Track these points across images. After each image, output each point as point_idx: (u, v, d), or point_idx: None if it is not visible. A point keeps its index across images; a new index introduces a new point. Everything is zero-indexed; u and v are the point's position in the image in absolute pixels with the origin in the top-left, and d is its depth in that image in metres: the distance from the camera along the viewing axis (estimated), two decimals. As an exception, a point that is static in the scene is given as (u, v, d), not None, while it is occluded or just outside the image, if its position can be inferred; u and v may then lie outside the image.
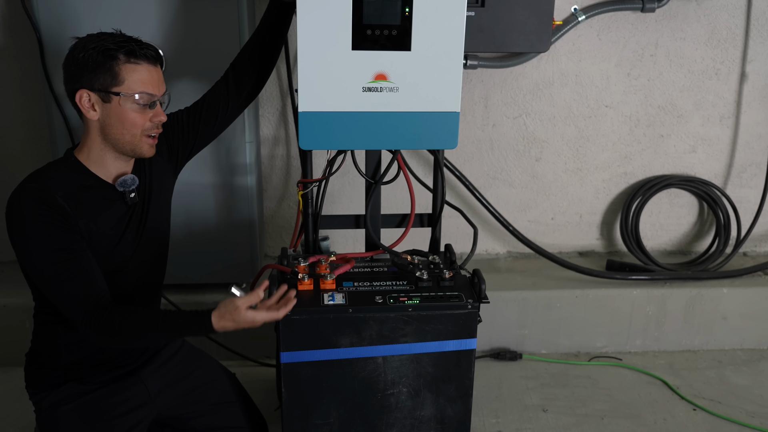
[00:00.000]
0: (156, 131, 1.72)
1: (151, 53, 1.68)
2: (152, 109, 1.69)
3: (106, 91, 1.63)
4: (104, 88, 1.63)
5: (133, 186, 1.75)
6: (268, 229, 3.03)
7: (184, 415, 1.95)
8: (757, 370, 2.87)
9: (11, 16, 2.62)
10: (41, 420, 1.82)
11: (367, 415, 1.91)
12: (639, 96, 2.97)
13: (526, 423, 2.50)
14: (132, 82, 1.64)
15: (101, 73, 1.62)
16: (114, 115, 1.65)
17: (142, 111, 1.67)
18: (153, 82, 1.67)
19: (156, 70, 1.69)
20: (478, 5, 2.37)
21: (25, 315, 1.98)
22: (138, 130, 1.68)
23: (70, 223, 1.63)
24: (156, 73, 1.69)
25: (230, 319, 1.63)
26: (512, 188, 3.08)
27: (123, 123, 1.66)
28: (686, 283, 2.95)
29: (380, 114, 1.87)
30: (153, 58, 1.68)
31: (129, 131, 1.67)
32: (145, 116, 1.68)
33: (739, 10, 2.88)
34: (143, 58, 1.65)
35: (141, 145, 1.70)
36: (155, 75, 1.68)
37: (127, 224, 1.77)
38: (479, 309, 1.85)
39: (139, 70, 1.65)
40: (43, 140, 2.73)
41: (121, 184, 1.73)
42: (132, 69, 1.64)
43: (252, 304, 1.64)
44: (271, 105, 2.84)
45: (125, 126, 1.66)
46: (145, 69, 1.66)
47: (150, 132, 1.70)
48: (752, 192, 3.13)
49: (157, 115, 1.70)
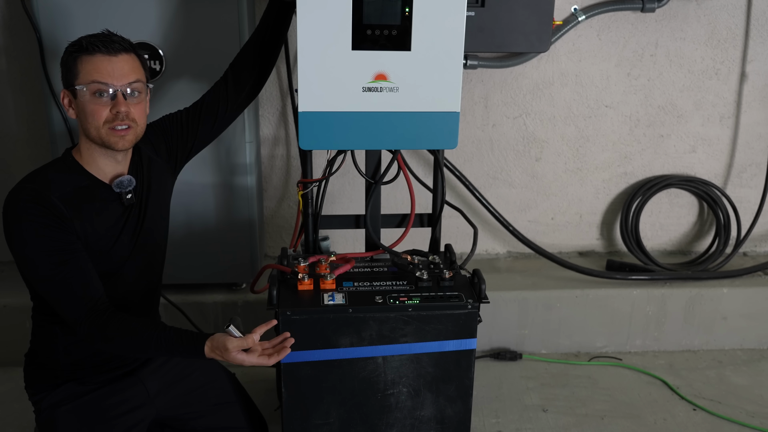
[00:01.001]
0: (121, 123, 1.66)
1: (113, 45, 1.64)
2: (113, 101, 1.65)
3: (71, 87, 1.65)
4: (70, 84, 1.66)
5: (129, 187, 1.74)
6: (268, 229, 3.03)
7: (184, 416, 1.95)
8: (757, 370, 2.87)
9: (11, 16, 2.62)
10: (40, 420, 1.82)
11: (367, 415, 1.91)
12: (639, 96, 2.97)
13: (526, 423, 2.50)
14: (85, 73, 1.63)
15: (67, 72, 1.66)
16: (81, 110, 1.66)
17: (100, 102, 1.64)
18: (107, 71, 1.63)
19: (115, 59, 1.64)
20: (478, 5, 2.37)
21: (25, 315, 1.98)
22: (99, 122, 1.65)
23: (65, 224, 1.63)
24: (114, 62, 1.64)
25: (219, 355, 1.61)
26: (512, 188, 3.08)
27: (87, 117, 1.66)
28: (686, 283, 2.95)
29: (380, 114, 1.87)
30: (114, 49, 1.64)
31: (92, 124, 1.65)
32: (103, 107, 1.64)
33: (739, 10, 2.88)
34: (98, 50, 1.63)
35: (108, 138, 1.66)
36: (112, 65, 1.64)
37: (123, 225, 1.76)
38: (479, 309, 1.86)
39: (93, 61, 1.63)
40: (43, 140, 2.73)
41: (118, 185, 1.73)
42: (86, 60, 1.63)
43: (245, 347, 1.61)
44: (271, 105, 2.84)
45: (88, 120, 1.65)
46: (99, 59, 1.63)
47: (114, 124, 1.65)
48: (752, 192, 3.13)
49: (115, 106, 1.64)
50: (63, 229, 1.62)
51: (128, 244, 1.78)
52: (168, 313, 2.64)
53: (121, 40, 1.68)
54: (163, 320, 2.60)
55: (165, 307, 2.62)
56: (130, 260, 1.79)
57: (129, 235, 1.78)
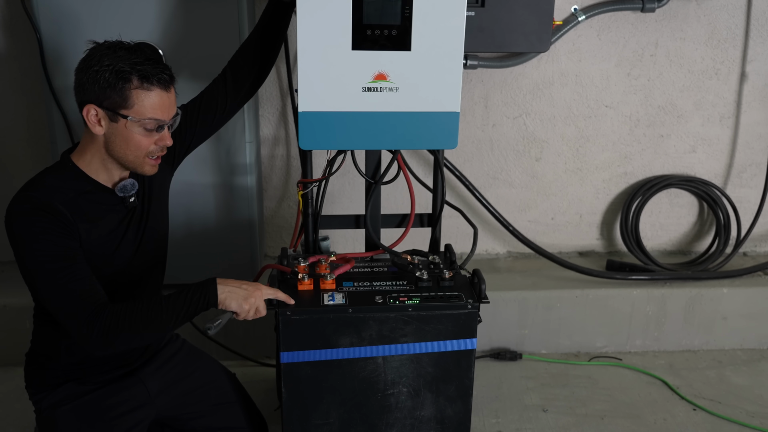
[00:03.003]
0: (160, 153, 1.70)
1: (165, 77, 1.63)
2: (159, 133, 1.66)
3: (115, 112, 1.60)
4: (113, 108, 1.60)
5: (133, 191, 1.74)
6: (268, 229, 3.03)
7: (184, 416, 1.95)
8: (757, 370, 2.87)
9: (11, 16, 2.62)
10: (41, 420, 1.82)
11: (367, 415, 1.91)
12: (639, 96, 2.97)
13: (526, 423, 2.50)
14: (142, 107, 1.61)
15: (112, 93, 1.59)
16: (119, 135, 1.63)
17: (149, 135, 1.65)
18: (163, 107, 1.64)
19: (168, 95, 1.65)
20: (478, 5, 2.37)
21: (25, 315, 1.98)
22: (142, 152, 1.66)
23: (69, 229, 1.62)
24: (168, 98, 1.65)
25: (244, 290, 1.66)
26: (512, 188, 3.08)
27: (128, 144, 1.64)
28: (686, 283, 2.95)
29: (380, 114, 1.87)
30: (166, 82, 1.64)
31: (133, 153, 1.65)
32: (150, 139, 1.65)
33: (739, 10, 2.88)
34: (156, 84, 1.61)
35: (143, 166, 1.69)
36: (167, 100, 1.65)
37: (127, 227, 1.76)
38: (479, 309, 1.85)
39: (150, 96, 1.61)
40: (43, 140, 2.73)
41: (121, 190, 1.72)
42: (144, 95, 1.60)
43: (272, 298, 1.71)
44: (271, 105, 2.84)
45: (129, 147, 1.64)
46: (157, 95, 1.62)
47: (154, 154, 1.69)
48: (752, 192, 3.13)
49: (162, 139, 1.68)
50: (66, 236, 1.61)
51: (132, 245, 1.78)
52: (168, 313, 2.63)
53: (166, 68, 1.65)
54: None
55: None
56: (135, 261, 1.79)
57: (133, 237, 1.78)
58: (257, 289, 1.70)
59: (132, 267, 1.79)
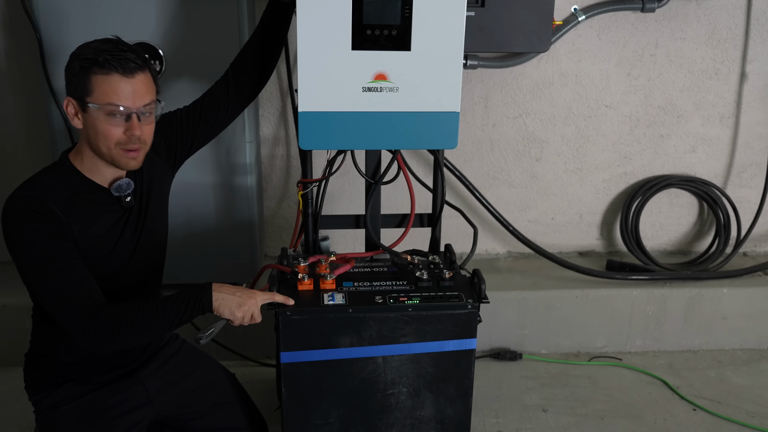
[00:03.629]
0: (133, 146, 1.64)
1: (129, 64, 1.58)
2: (127, 123, 1.61)
3: (82, 100, 1.60)
4: (80, 97, 1.60)
5: (128, 190, 1.73)
6: (268, 229, 3.03)
7: (184, 416, 1.95)
8: (757, 370, 2.87)
9: (11, 16, 2.62)
10: (40, 420, 1.82)
11: (367, 415, 1.91)
12: (639, 96, 2.97)
13: (526, 423, 2.50)
14: (101, 93, 1.58)
15: (77, 82, 1.60)
16: (90, 125, 1.62)
17: (114, 123, 1.60)
18: (125, 93, 1.58)
19: (131, 81, 1.59)
20: (478, 5, 2.38)
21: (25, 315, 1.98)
22: (111, 142, 1.62)
23: (63, 229, 1.61)
24: (130, 84, 1.59)
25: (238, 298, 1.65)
26: (512, 188, 3.08)
27: (97, 134, 1.61)
28: (686, 283, 2.95)
29: (380, 114, 1.87)
30: (130, 69, 1.59)
31: (103, 143, 1.62)
32: (117, 129, 1.61)
33: (739, 10, 2.88)
34: (116, 69, 1.57)
35: (119, 158, 1.65)
36: (129, 86, 1.59)
37: (124, 227, 1.76)
38: (479, 309, 1.85)
39: (109, 81, 1.57)
40: (43, 140, 2.73)
41: (117, 189, 1.71)
42: (102, 80, 1.57)
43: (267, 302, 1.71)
44: (271, 105, 2.84)
45: (99, 138, 1.62)
46: (117, 80, 1.57)
47: (126, 146, 1.63)
48: (752, 192, 3.13)
49: (130, 129, 1.61)
50: (60, 236, 1.61)
51: (130, 245, 1.78)
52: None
53: (136, 57, 1.61)
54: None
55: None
56: (132, 261, 1.79)
57: (130, 237, 1.77)
58: (251, 297, 1.69)
59: (130, 267, 1.79)
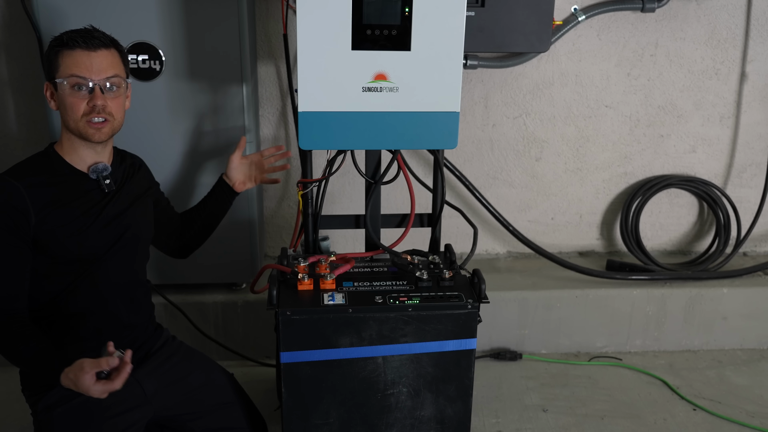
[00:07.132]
0: (98, 116, 1.73)
1: (94, 41, 1.70)
2: (91, 94, 1.72)
3: (52, 80, 1.72)
4: (51, 77, 1.73)
5: (105, 172, 1.81)
6: (268, 229, 3.03)
7: (183, 416, 1.94)
8: (757, 370, 2.87)
9: (11, 16, 2.62)
10: (37, 422, 1.82)
11: (367, 415, 1.91)
12: (639, 96, 2.97)
13: (526, 423, 2.50)
14: (66, 67, 1.70)
15: (49, 65, 1.73)
16: (61, 102, 1.73)
17: (78, 96, 1.71)
18: (87, 65, 1.70)
19: (94, 55, 1.71)
20: (478, 5, 2.38)
21: (25, 315, 1.98)
22: (77, 114, 1.72)
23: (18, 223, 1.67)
24: (93, 57, 1.71)
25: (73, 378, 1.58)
26: (512, 188, 3.08)
27: (65, 109, 1.73)
28: (686, 283, 2.95)
29: (380, 114, 1.87)
30: (93, 45, 1.70)
31: (72, 117, 1.73)
32: (81, 100, 1.71)
33: (739, 10, 2.88)
34: (81, 44, 1.69)
35: (85, 130, 1.74)
36: (91, 60, 1.70)
37: (101, 212, 1.80)
38: (479, 309, 1.85)
39: (73, 56, 1.69)
40: (43, 140, 2.72)
41: (93, 171, 1.80)
42: (67, 54, 1.70)
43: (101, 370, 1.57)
44: (271, 105, 2.84)
45: (68, 112, 1.73)
46: (80, 54, 1.69)
47: (91, 117, 1.72)
48: (752, 192, 3.13)
49: (92, 100, 1.71)
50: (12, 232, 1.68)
51: (106, 232, 1.80)
52: (168, 313, 2.64)
53: (102, 36, 1.74)
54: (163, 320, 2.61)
55: (165, 307, 2.62)
56: (109, 252, 1.81)
57: (106, 223, 1.81)
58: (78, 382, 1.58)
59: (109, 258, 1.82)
